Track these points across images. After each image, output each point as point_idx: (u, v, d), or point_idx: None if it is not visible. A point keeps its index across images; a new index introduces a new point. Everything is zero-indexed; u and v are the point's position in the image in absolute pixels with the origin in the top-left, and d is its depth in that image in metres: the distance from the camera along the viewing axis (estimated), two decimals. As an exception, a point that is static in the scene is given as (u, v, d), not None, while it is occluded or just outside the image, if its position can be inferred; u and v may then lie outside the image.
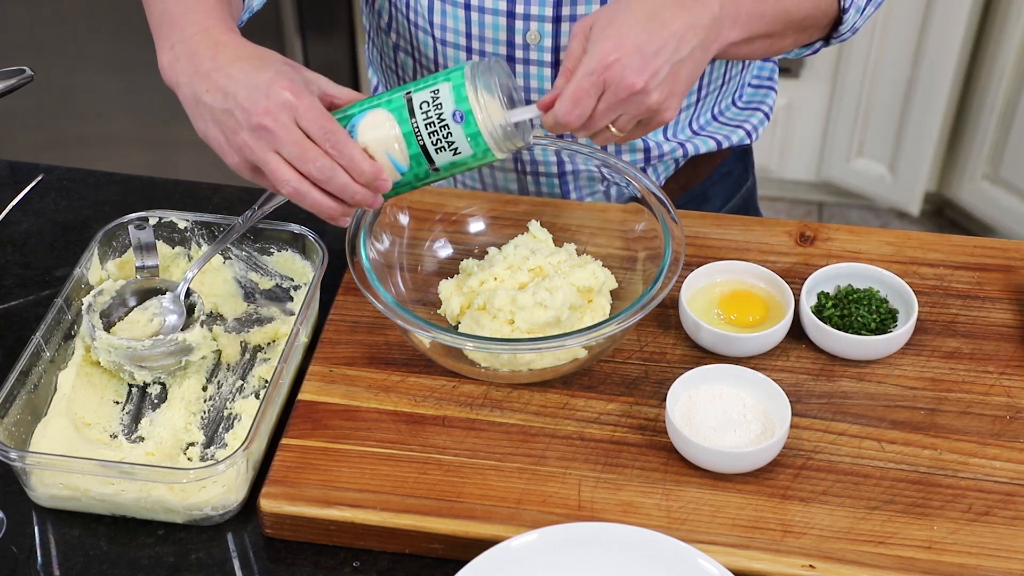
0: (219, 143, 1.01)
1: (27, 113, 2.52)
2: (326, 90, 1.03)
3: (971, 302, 1.19)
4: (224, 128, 0.99)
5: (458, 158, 1.02)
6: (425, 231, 1.23)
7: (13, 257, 1.31)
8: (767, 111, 1.39)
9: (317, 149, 0.97)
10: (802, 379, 1.12)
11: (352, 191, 0.98)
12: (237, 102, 0.97)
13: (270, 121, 0.96)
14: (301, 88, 0.97)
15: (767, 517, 1.00)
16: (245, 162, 1.00)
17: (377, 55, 1.39)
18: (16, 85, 1.32)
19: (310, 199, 0.98)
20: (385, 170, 1.00)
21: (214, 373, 1.16)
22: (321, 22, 2.54)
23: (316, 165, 0.97)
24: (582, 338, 1.04)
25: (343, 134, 0.97)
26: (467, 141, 1.01)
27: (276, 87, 0.96)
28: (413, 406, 1.09)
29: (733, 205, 1.46)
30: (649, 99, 1.01)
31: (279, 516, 1.02)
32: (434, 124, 1.00)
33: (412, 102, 1.00)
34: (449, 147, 1.01)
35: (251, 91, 0.96)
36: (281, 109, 0.96)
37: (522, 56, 1.21)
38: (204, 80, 0.99)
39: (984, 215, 2.85)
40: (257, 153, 0.98)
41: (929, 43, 2.67)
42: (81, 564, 1.02)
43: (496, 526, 0.99)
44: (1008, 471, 1.04)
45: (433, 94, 1.00)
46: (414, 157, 1.01)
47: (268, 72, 0.97)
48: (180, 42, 1.02)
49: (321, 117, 0.97)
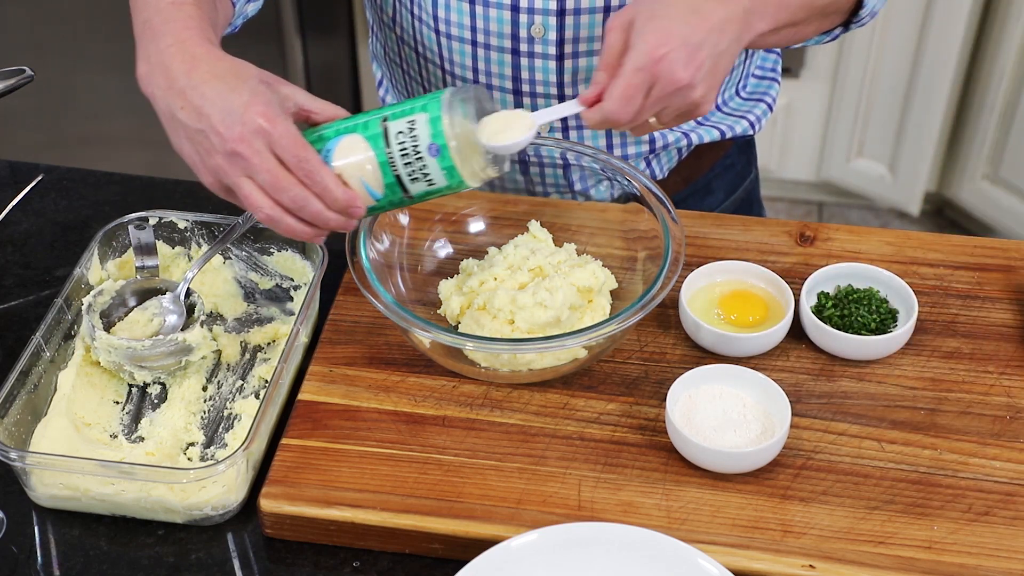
0: (193, 161, 1.00)
1: (27, 113, 2.52)
2: (303, 105, 1.02)
3: (971, 302, 1.19)
4: (198, 148, 0.99)
5: (433, 188, 1.01)
6: (425, 231, 1.23)
7: (13, 257, 1.31)
8: (770, 102, 1.39)
9: (291, 178, 0.96)
10: (802, 379, 1.12)
11: (325, 218, 0.98)
12: (211, 125, 0.96)
13: (244, 148, 0.95)
14: (276, 113, 0.96)
15: (767, 517, 1.00)
16: (218, 183, 1.00)
17: (381, 49, 1.39)
18: (16, 85, 1.32)
19: (284, 225, 0.98)
20: (359, 197, 0.99)
21: (214, 373, 1.16)
22: (321, 22, 2.54)
23: (289, 195, 0.96)
24: (582, 338, 1.04)
25: (317, 161, 0.97)
26: (442, 174, 1.00)
27: (251, 112, 0.95)
28: (413, 406, 1.10)
29: (736, 198, 1.47)
30: (694, 93, 1.01)
31: (279, 516, 1.02)
32: (409, 155, 0.99)
33: (388, 131, 0.99)
34: (424, 178, 1.00)
35: (225, 115, 0.95)
36: (255, 136, 0.95)
37: (526, 49, 1.21)
38: (179, 97, 0.98)
39: (984, 215, 2.85)
40: (231, 177, 0.97)
41: (929, 43, 2.67)
42: (81, 564, 1.02)
43: (496, 526, 0.99)
44: (1008, 471, 1.04)
45: (410, 124, 0.99)
46: (388, 186, 1.00)
47: (243, 94, 0.96)
48: (156, 53, 1.01)
49: (295, 145, 0.96)
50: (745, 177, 1.48)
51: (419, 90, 1.34)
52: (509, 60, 1.23)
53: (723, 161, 1.42)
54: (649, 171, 1.35)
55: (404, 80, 1.36)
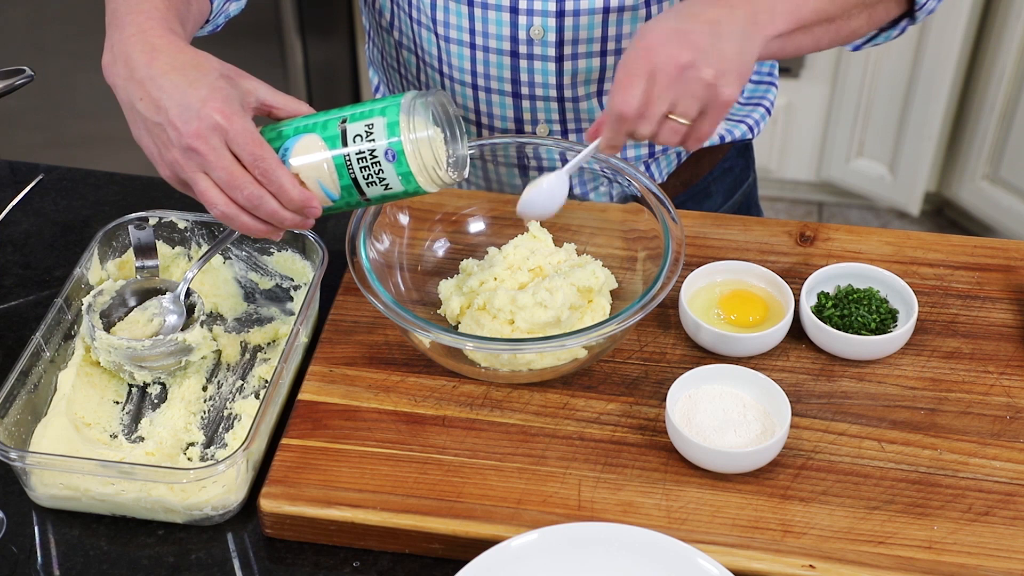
0: (151, 153, 1.00)
1: (27, 113, 2.52)
2: (264, 99, 1.01)
3: (971, 302, 1.19)
4: (156, 140, 0.98)
5: (389, 192, 1.01)
6: (425, 231, 1.23)
7: (13, 257, 1.31)
8: (768, 106, 1.39)
9: (247, 176, 0.96)
10: (802, 379, 1.12)
11: (281, 217, 0.98)
12: (169, 119, 0.96)
13: (200, 144, 0.95)
14: (234, 109, 0.96)
15: (767, 517, 1.00)
16: (175, 177, 1.00)
17: (378, 55, 1.39)
18: (16, 85, 1.32)
19: (238, 222, 0.98)
20: (315, 198, 0.99)
21: (214, 373, 1.16)
22: (321, 22, 2.54)
23: (244, 193, 0.96)
24: (582, 338, 1.04)
25: (273, 160, 0.96)
26: (398, 179, 1.00)
27: (208, 108, 0.95)
28: (413, 406, 1.10)
29: (735, 201, 1.47)
30: (701, 73, 0.99)
31: (279, 516, 1.02)
32: (366, 159, 0.98)
33: (346, 133, 0.99)
34: (380, 182, 1.00)
35: (183, 110, 0.95)
36: (212, 132, 0.95)
37: (526, 51, 1.21)
38: (138, 87, 0.98)
39: (984, 215, 2.85)
40: (187, 172, 0.97)
41: (929, 43, 2.67)
42: (81, 564, 1.02)
43: (496, 526, 0.99)
44: (1008, 471, 1.04)
45: (368, 128, 0.98)
46: (345, 188, 1.00)
47: (202, 89, 0.96)
48: (119, 43, 1.01)
49: (251, 142, 0.95)
50: (743, 180, 1.48)
51: None
52: (508, 63, 1.23)
53: (721, 164, 1.43)
54: (648, 174, 1.35)
55: (402, 85, 1.36)
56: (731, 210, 1.46)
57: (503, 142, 1.23)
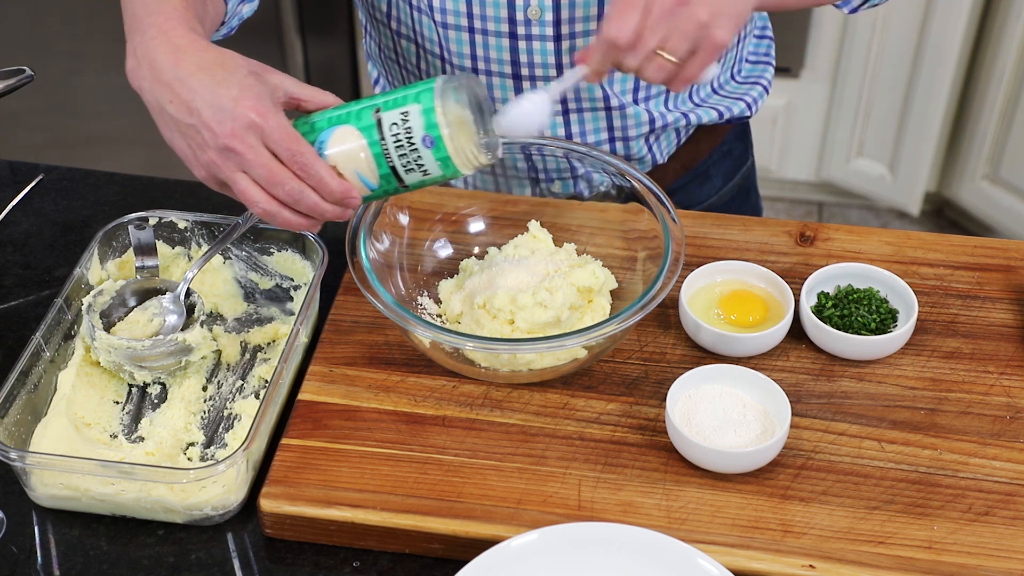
0: (185, 155, 1.00)
1: (27, 113, 2.52)
2: (293, 93, 1.01)
3: (971, 302, 1.19)
4: (190, 142, 0.98)
5: (428, 178, 1.01)
6: (425, 231, 1.23)
7: (13, 257, 1.31)
8: (766, 84, 1.40)
9: (286, 171, 0.96)
10: (802, 379, 1.12)
11: (322, 209, 0.98)
12: (203, 120, 0.96)
13: (238, 143, 0.95)
14: (267, 106, 0.96)
15: (767, 517, 1.00)
16: (213, 177, 1.00)
17: (376, 48, 1.39)
18: (16, 85, 1.32)
19: (280, 218, 0.98)
20: (354, 187, 0.99)
21: (214, 373, 1.16)
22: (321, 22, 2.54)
23: (285, 188, 0.96)
24: (582, 338, 1.04)
25: (311, 154, 0.97)
26: (437, 164, 1.00)
27: (241, 107, 0.95)
28: (413, 406, 1.10)
29: (734, 184, 1.47)
30: (695, 12, 0.98)
31: (279, 516, 1.02)
32: (404, 147, 0.99)
33: (382, 123, 0.99)
34: (419, 168, 1.00)
35: (216, 111, 0.95)
36: (248, 131, 0.95)
37: (524, 32, 1.22)
38: (167, 90, 0.98)
39: (984, 215, 2.85)
40: (225, 172, 0.97)
41: (929, 43, 2.67)
42: (81, 564, 1.02)
43: (496, 526, 0.99)
44: (1008, 471, 1.04)
45: (403, 116, 0.98)
46: (383, 176, 1.00)
47: (232, 88, 0.96)
48: (141, 46, 1.00)
49: (288, 138, 0.96)
50: (743, 164, 1.49)
51: None
52: (507, 44, 1.23)
53: (721, 147, 1.43)
54: (650, 155, 1.35)
55: (401, 75, 1.36)
56: (730, 193, 1.47)
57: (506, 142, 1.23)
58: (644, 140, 1.33)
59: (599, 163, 1.20)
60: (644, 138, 1.33)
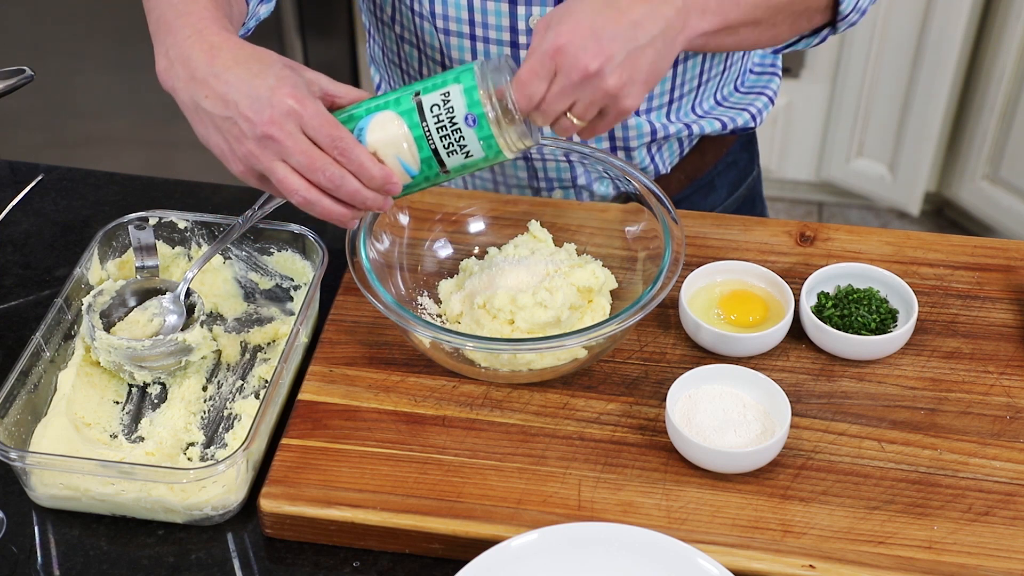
0: (222, 150, 1.00)
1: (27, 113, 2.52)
2: (327, 89, 1.02)
3: (971, 302, 1.19)
4: (227, 136, 0.98)
5: (469, 160, 1.01)
6: (425, 231, 1.23)
7: (13, 257, 1.31)
8: (771, 95, 1.39)
9: (326, 157, 0.96)
10: (802, 379, 1.12)
11: (363, 197, 0.98)
12: (239, 111, 0.96)
13: (276, 131, 0.95)
14: (304, 94, 0.96)
15: (767, 517, 1.00)
16: (250, 170, 0.99)
17: (379, 51, 1.39)
18: (16, 85, 1.32)
19: (320, 207, 0.98)
20: (395, 173, 0.99)
21: (214, 373, 1.16)
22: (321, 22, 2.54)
23: (326, 174, 0.96)
24: (582, 338, 1.04)
25: (351, 140, 0.97)
26: (480, 144, 1.00)
27: (279, 95, 0.95)
28: (413, 406, 1.10)
29: (739, 195, 1.46)
30: (605, 83, 0.98)
31: (279, 516, 1.02)
32: (446, 128, 0.99)
33: (422, 105, 0.99)
34: (461, 150, 1.00)
35: (253, 100, 0.95)
36: (286, 118, 0.95)
37: (525, 42, 1.21)
38: (202, 86, 0.98)
39: (984, 215, 2.85)
40: (263, 163, 0.97)
41: (929, 43, 2.67)
42: (81, 564, 1.02)
43: (496, 526, 0.99)
44: (1008, 471, 1.04)
45: (444, 97, 0.99)
46: (425, 160, 1.00)
47: (269, 79, 0.96)
48: (174, 46, 1.01)
49: (327, 124, 0.96)
50: (748, 174, 1.48)
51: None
52: (508, 53, 1.23)
53: (726, 158, 1.43)
54: (653, 165, 1.35)
55: (404, 80, 1.36)
56: (735, 204, 1.46)
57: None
58: (646, 149, 1.33)
59: (600, 164, 1.20)
60: (646, 147, 1.33)
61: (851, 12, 1.16)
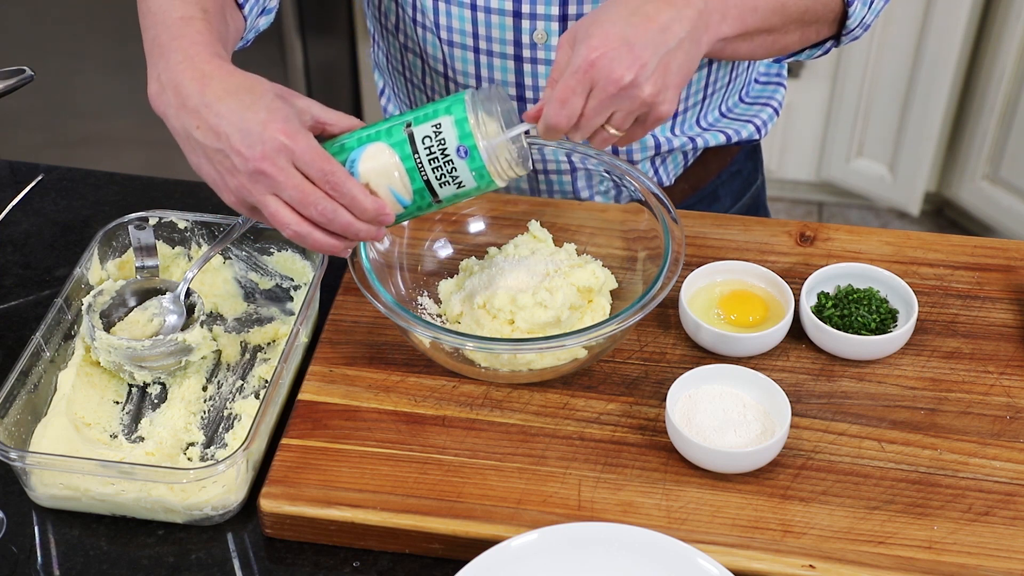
0: (213, 180, 1.00)
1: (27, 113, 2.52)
2: (319, 117, 1.01)
3: (971, 302, 1.19)
4: (219, 167, 0.98)
5: (462, 191, 1.01)
6: (425, 231, 1.23)
7: (13, 257, 1.31)
8: (776, 106, 1.38)
9: (318, 192, 0.96)
10: (802, 379, 1.12)
11: (355, 229, 0.98)
12: (231, 145, 0.95)
13: (268, 166, 0.95)
14: (296, 128, 0.96)
15: (767, 517, 1.00)
16: (242, 202, 0.99)
17: (383, 58, 1.39)
18: (16, 85, 1.32)
19: (311, 240, 0.98)
20: (387, 204, 0.99)
21: (214, 373, 1.16)
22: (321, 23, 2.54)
23: (318, 208, 0.96)
24: (582, 338, 1.04)
25: (343, 173, 0.96)
26: (472, 175, 1.00)
27: (270, 130, 0.94)
28: (413, 406, 1.10)
29: (743, 204, 1.46)
30: (641, 92, 0.98)
31: (279, 516, 1.02)
32: (438, 160, 0.99)
33: (414, 136, 0.99)
34: (453, 181, 1.00)
35: (245, 135, 0.95)
36: (277, 153, 0.95)
37: (529, 56, 1.21)
38: (193, 116, 0.97)
39: (984, 215, 2.85)
40: (255, 196, 0.97)
41: (929, 43, 2.67)
42: (81, 564, 1.02)
43: (496, 526, 0.99)
44: (1008, 471, 1.04)
45: (435, 129, 0.98)
46: (418, 191, 1.00)
47: (260, 112, 0.95)
48: (165, 71, 1.00)
49: (319, 158, 0.95)
50: (752, 183, 1.47)
51: (422, 98, 1.34)
52: (512, 66, 1.23)
53: (730, 168, 1.42)
54: (656, 176, 1.35)
55: (407, 88, 1.36)
56: (739, 213, 1.46)
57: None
58: (650, 162, 1.33)
59: (602, 166, 1.20)
60: (650, 160, 1.33)
61: (856, 27, 1.17)
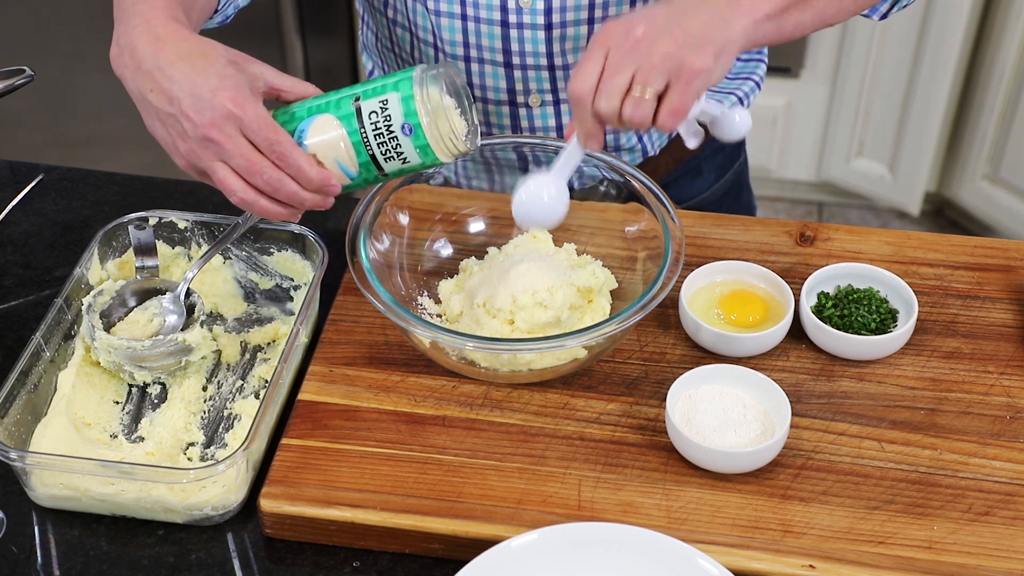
0: (166, 143, 1.01)
1: (27, 113, 2.52)
2: (272, 83, 1.02)
3: (971, 302, 1.19)
4: (171, 131, 0.99)
5: (407, 166, 1.02)
6: (425, 231, 1.23)
7: (13, 257, 1.31)
8: (757, 80, 1.41)
9: (265, 161, 0.97)
10: (802, 379, 1.12)
11: (301, 198, 0.99)
12: (182, 110, 0.96)
13: (216, 133, 0.96)
14: (245, 96, 0.97)
15: (767, 517, 1.00)
16: (192, 166, 1.01)
17: (372, 37, 1.40)
18: (16, 85, 1.32)
19: (258, 207, 0.99)
20: (333, 176, 1.00)
21: (214, 373, 1.16)
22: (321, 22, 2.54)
23: (264, 177, 0.97)
24: (582, 338, 1.04)
25: (289, 143, 0.97)
26: (416, 152, 1.01)
27: (220, 97, 0.95)
28: (413, 406, 1.10)
29: (727, 180, 1.48)
30: (659, 44, 0.98)
31: (279, 516, 1.02)
32: (383, 135, 1.00)
33: (361, 111, 1.00)
34: (398, 157, 1.01)
35: (196, 100, 0.96)
36: (226, 121, 0.96)
37: (515, 20, 1.22)
38: (148, 79, 0.99)
39: (984, 215, 2.85)
40: (204, 161, 0.98)
41: (929, 43, 2.67)
42: (81, 564, 1.02)
43: (496, 526, 0.99)
44: (1008, 471, 1.04)
45: (382, 104, 0.99)
46: (363, 165, 1.01)
47: (211, 78, 0.96)
48: (123, 34, 1.01)
49: (266, 127, 0.97)
50: (735, 160, 1.49)
51: None
52: (499, 32, 1.23)
53: (713, 142, 1.43)
54: (640, 145, 1.35)
55: (397, 64, 1.37)
56: (723, 189, 1.48)
57: (502, 143, 1.23)
58: (634, 132, 1.34)
59: (601, 163, 1.20)
60: (638, 142, 1.33)
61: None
